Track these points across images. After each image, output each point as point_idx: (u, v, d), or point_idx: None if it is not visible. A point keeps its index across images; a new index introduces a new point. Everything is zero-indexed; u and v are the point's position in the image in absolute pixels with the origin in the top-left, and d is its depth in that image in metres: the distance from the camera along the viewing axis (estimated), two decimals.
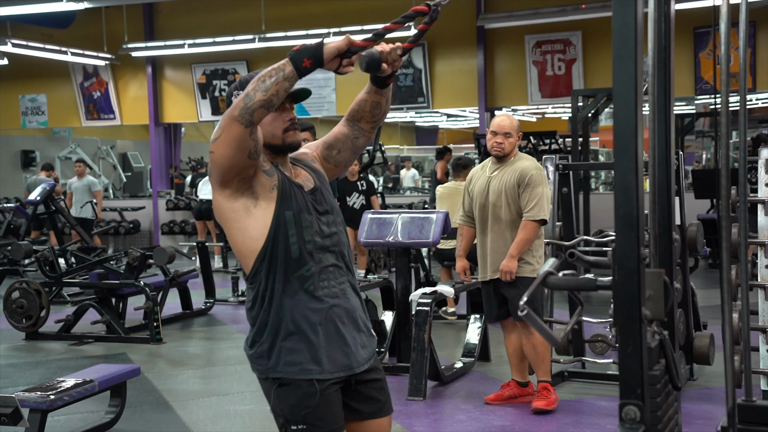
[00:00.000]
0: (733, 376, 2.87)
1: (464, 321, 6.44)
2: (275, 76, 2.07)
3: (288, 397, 2.21)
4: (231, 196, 2.19)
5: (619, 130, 1.99)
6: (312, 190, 2.30)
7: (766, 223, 4.20)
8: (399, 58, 2.20)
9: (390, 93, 2.38)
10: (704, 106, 14.43)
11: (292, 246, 2.20)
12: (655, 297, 2.05)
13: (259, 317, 2.24)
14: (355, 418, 2.32)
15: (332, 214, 2.32)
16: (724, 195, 2.84)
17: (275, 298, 2.21)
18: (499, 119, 4.48)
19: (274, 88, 2.06)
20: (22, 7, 10.51)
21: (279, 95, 2.07)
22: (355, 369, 2.27)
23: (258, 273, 2.22)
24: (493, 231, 4.44)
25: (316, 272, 2.22)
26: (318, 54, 2.07)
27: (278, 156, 2.28)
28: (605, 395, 4.72)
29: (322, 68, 2.11)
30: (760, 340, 4.23)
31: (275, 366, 2.22)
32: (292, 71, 2.07)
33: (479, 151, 11.80)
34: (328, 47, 2.08)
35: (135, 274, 6.82)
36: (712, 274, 9.39)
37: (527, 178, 4.35)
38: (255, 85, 2.07)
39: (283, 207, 2.21)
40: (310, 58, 2.06)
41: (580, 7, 10.60)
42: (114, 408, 4.45)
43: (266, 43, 11.75)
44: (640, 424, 1.94)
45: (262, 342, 2.24)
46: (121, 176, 16.07)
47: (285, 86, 2.08)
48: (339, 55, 2.10)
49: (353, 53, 2.11)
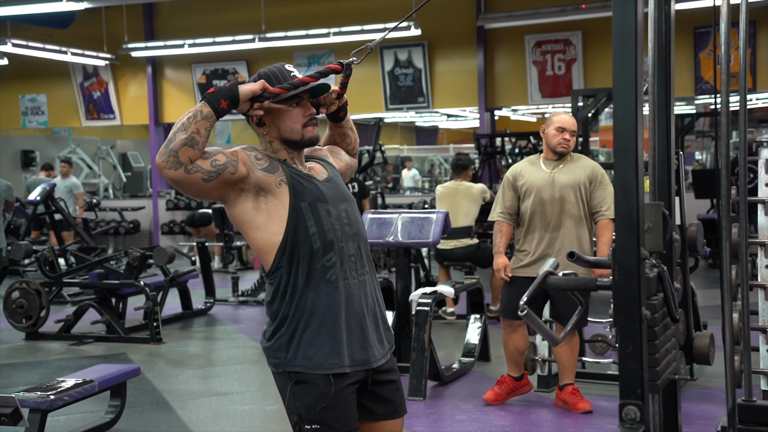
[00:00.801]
0: (733, 376, 2.87)
1: (464, 321, 6.44)
2: (194, 118, 2.13)
3: (304, 395, 2.21)
4: (235, 202, 2.22)
5: (619, 130, 1.99)
6: (327, 179, 2.33)
7: (766, 223, 4.20)
8: (335, 101, 2.41)
9: (349, 124, 2.55)
10: (704, 106, 14.41)
11: (313, 236, 2.22)
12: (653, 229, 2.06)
13: (281, 311, 2.24)
14: (369, 419, 2.33)
15: (348, 203, 2.34)
16: (724, 195, 2.84)
17: (297, 290, 2.21)
18: (564, 116, 4.47)
19: (194, 127, 2.12)
20: (22, 7, 10.50)
21: (200, 133, 2.13)
22: (373, 364, 2.28)
23: (279, 267, 2.23)
24: (565, 227, 4.37)
25: (338, 262, 2.23)
26: (234, 95, 2.17)
27: (295, 150, 2.31)
28: (605, 395, 4.72)
29: (235, 109, 2.21)
30: (760, 340, 4.23)
31: (293, 359, 2.21)
32: (210, 112, 2.15)
33: (479, 151, 11.81)
34: (243, 89, 2.18)
35: (135, 274, 6.82)
36: (712, 274, 9.38)
37: (600, 176, 4.37)
38: (174, 130, 2.13)
39: (297, 199, 2.23)
40: (226, 99, 2.16)
41: (580, 7, 10.59)
42: (114, 408, 4.45)
43: (266, 43, 11.75)
44: (640, 424, 1.94)
45: (281, 334, 2.23)
46: (121, 176, 16.06)
47: (205, 125, 2.14)
48: (251, 99, 2.20)
49: (265, 98, 2.22)
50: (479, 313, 5.71)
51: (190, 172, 2.11)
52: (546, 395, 4.83)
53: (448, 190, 7.13)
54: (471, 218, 7.03)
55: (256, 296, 8.52)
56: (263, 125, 2.29)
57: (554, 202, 4.38)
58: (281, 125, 2.27)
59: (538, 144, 11.52)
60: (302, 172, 2.29)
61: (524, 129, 18.54)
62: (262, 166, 2.23)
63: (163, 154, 2.10)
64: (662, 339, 2.07)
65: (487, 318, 5.81)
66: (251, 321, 7.63)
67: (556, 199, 4.38)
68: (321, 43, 11.65)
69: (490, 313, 6.94)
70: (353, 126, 2.59)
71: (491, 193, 7.43)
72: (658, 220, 2.06)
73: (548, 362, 4.89)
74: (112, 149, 16.06)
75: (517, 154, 11.99)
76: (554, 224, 4.39)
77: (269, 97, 2.22)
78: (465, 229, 6.96)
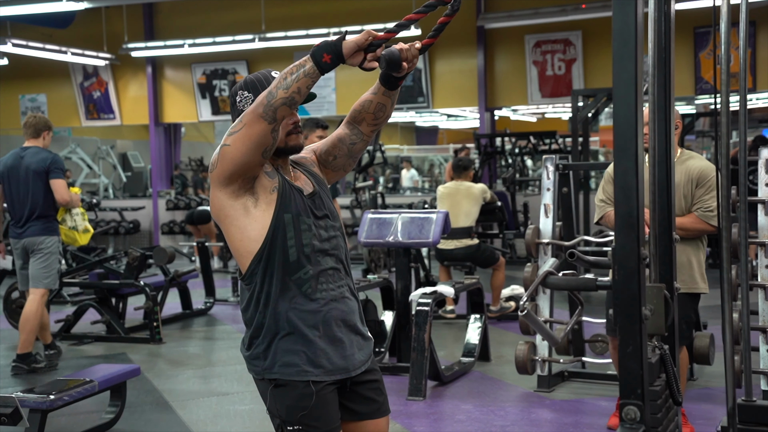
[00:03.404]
0: (733, 376, 2.87)
1: (464, 321, 6.44)
2: (296, 73, 2.05)
3: (284, 397, 2.21)
4: (233, 194, 2.18)
5: (619, 130, 1.99)
6: (311, 194, 2.29)
7: (766, 223, 4.20)
8: (417, 56, 2.16)
9: (397, 96, 2.35)
10: (704, 106, 14.41)
11: (290, 249, 2.19)
12: (655, 312, 2.06)
13: (255, 319, 2.23)
14: (351, 419, 2.32)
15: (330, 219, 2.31)
16: (724, 195, 2.84)
17: (271, 300, 2.20)
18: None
19: (295, 86, 2.05)
20: (22, 7, 10.49)
21: (301, 92, 2.07)
22: (352, 372, 2.27)
23: (254, 274, 2.21)
24: None
25: (314, 275, 2.22)
26: (338, 49, 2.04)
27: (279, 158, 2.28)
28: (605, 395, 4.72)
29: (344, 63, 2.07)
30: (760, 340, 4.24)
31: (271, 367, 2.22)
32: (312, 67, 2.05)
33: (479, 151, 11.81)
34: (347, 42, 2.04)
35: (135, 274, 6.82)
36: (712, 274, 9.36)
37: (708, 180, 3.93)
38: (277, 83, 2.06)
39: (282, 209, 2.20)
40: (329, 53, 2.03)
41: (580, 7, 10.59)
42: (114, 408, 4.45)
43: (266, 43, 11.74)
44: (640, 424, 1.94)
45: (258, 343, 2.24)
46: (121, 176, 16.06)
47: (307, 83, 2.06)
48: (362, 50, 2.06)
49: (376, 47, 2.06)
50: (479, 313, 5.71)
51: (274, 132, 2.08)
52: (546, 395, 4.83)
53: (449, 191, 7.13)
54: (471, 218, 7.04)
55: None
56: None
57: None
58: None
59: (538, 144, 11.52)
60: (293, 184, 2.26)
61: (524, 129, 18.55)
62: (267, 170, 2.22)
63: (262, 105, 2.05)
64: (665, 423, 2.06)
65: (487, 318, 5.81)
66: None
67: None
68: None
69: (490, 313, 6.94)
70: (396, 99, 2.41)
71: (491, 193, 7.44)
72: (660, 302, 2.05)
73: (548, 362, 4.89)
74: (112, 149, 16.06)
75: (517, 154, 11.99)
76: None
77: (380, 44, 2.06)
78: (465, 229, 6.96)
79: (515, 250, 10.84)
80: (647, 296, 2.01)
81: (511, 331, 6.55)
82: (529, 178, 13.15)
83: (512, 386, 5.06)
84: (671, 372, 2.10)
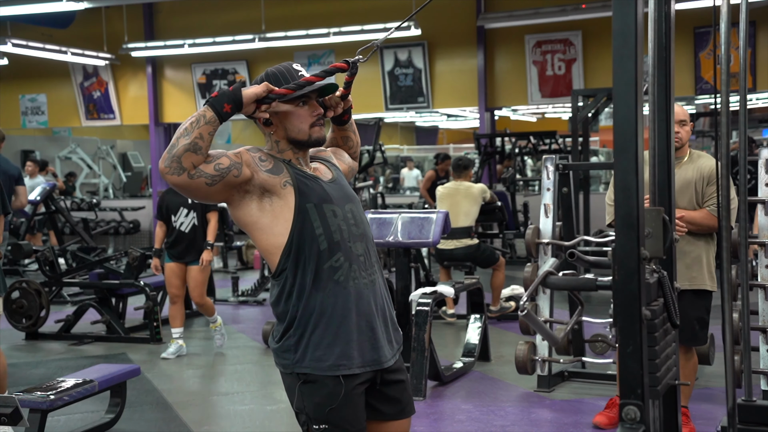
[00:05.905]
0: (733, 376, 2.87)
1: (464, 321, 6.44)
2: (197, 123, 2.11)
3: (313, 395, 2.21)
4: (239, 204, 2.22)
5: (619, 130, 1.99)
6: (331, 180, 2.33)
7: (766, 223, 4.20)
8: (339, 102, 2.37)
9: (353, 127, 2.56)
10: (704, 106, 14.42)
11: (319, 237, 2.21)
12: (654, 235, 2.06)
13: (289, 312, 2.23)
14: (377, 419, 2.33)
15: (353, 203, 2.34)
16: (724, 195, 2.84)
17: (305, 291, 2.20)
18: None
19: (197, 132, 2.10)
20: (22, 7, 10.49)
21: (203, 138, 2.11)
22: (384, 364, 2.28)
23: (284, 268, 2.22)
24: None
25: (345, 262, 2.22)
26: (238, 99, 2.15)
27: (300, 151, 2.31)
28: (605, 395, 4.72)
29: (240, 112, 2.19)
30: (760, 340, 4.24)
31: (302, 360, 2.21)
32: (213, 116, 2.13)
33: (479, 151, 11.81)
34: (246, 92, 2.15)
35: (135, 274, 6.82)
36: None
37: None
38: (177, 134, 2.11)
39: (302, 200, 2.22)
40: (230, 102, 2.14)
41: (580, 7, 10.59)
42: (114, 408, 4.45)
43: (266, 43, 11.74)
44: (640, 424, 1.94)
45: (290, 336, 2.22)
46: (121, 176, 16.06)
47: (209, 130, 2.12)
48: (257, 101, 2.18)
49: (271, 100, 2.19)
50: (479, 313, 5.71)
51: (194, 177, 2.10)
52: (546, 395, 4.83)
53: (449, 191, 7.13)
54: (471, 218, 7.04)
55: (256, 296, 8.52)
56: (270, 125, 2.28)
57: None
58: (288, 125, 2.26)
59: (538, 144, 11.52)
60: (307, 173, 2.28)
61: (524, 129, 18.55)
62: (267, 168, 2.22)
63: (166, 159, 2.09)
64: (662, 344, 2.07)
65: (487, 318, 5.81)
66: (251, 321, 7.63)
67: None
68: (321, 43, 11.65)
69: (491, 313, 6.94)
70: (356, 129, 2.59)
71: (491, 193, 7.44)
72: (659, 225, 2.06)
73: (548, 362, 4.89)
74: (112, 149, 16.06)
75: (517, 154, 11.99)
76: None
77: (275, 98, 2.19)
78: (465, 229, 6.96)
79: (515, 250, 10.85)
80: (646, 220, 2.01)
81: (511, 331, 6.55)
82: (530, 178, 13.15)
83: (512, 386, 5.07)
84: (669, 295, 2.11)
